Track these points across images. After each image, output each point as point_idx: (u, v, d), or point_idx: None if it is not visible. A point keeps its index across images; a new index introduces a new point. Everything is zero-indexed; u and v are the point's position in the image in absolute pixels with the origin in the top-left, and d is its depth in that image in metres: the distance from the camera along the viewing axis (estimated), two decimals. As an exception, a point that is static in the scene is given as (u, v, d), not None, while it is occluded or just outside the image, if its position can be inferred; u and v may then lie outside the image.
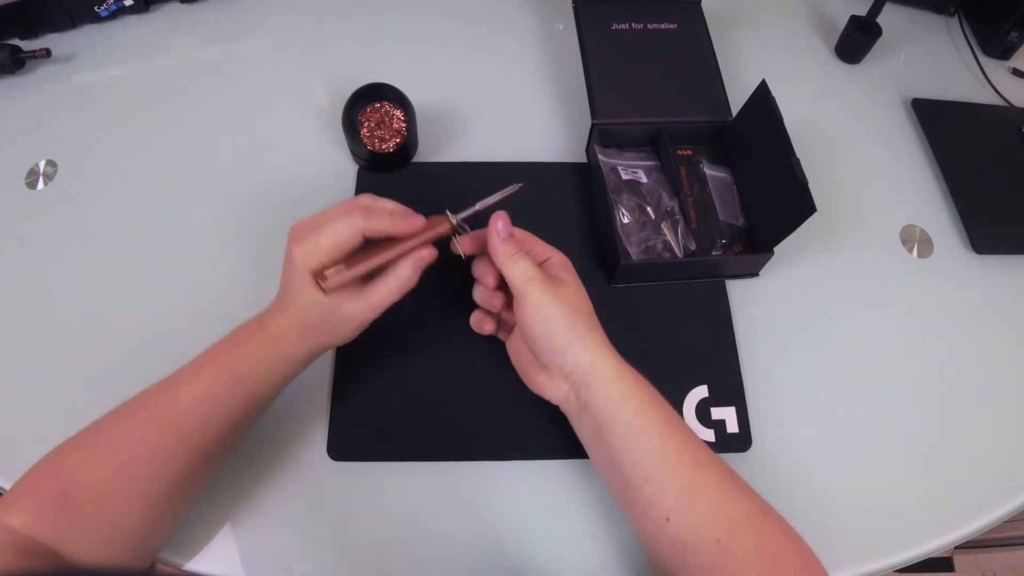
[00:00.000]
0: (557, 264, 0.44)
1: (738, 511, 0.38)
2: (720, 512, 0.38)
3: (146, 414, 0.40)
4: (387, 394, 0.49)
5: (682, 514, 0.38)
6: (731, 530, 0.37)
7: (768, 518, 0.38)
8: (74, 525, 0.37)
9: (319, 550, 0.45)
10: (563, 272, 0.44)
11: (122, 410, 0.40)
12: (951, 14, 0.74)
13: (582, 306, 0.42)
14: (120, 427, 0.40)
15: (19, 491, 0.38)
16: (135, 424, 0.40)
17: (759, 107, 0.52)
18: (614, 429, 0.40)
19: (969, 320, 0.56)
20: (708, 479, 0.39)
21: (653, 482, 0.39)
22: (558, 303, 0.41)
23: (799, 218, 0.47)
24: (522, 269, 0.41)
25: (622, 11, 0.61)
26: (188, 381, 0.41)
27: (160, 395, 0.41)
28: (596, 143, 0.57)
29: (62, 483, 0.38)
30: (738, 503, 0.38)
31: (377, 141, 0.56)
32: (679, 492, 0.38)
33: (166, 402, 0.40)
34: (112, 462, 0.39)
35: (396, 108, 0.57)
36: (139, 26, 0.66)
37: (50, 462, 0.39)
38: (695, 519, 0.38)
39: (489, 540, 0.46)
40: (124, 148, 0.59)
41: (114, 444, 0.39)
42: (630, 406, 0.40)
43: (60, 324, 0.51)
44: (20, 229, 0.55)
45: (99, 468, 0.38)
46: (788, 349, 0.53)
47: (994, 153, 0.64)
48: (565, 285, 0.42)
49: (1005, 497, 0.50)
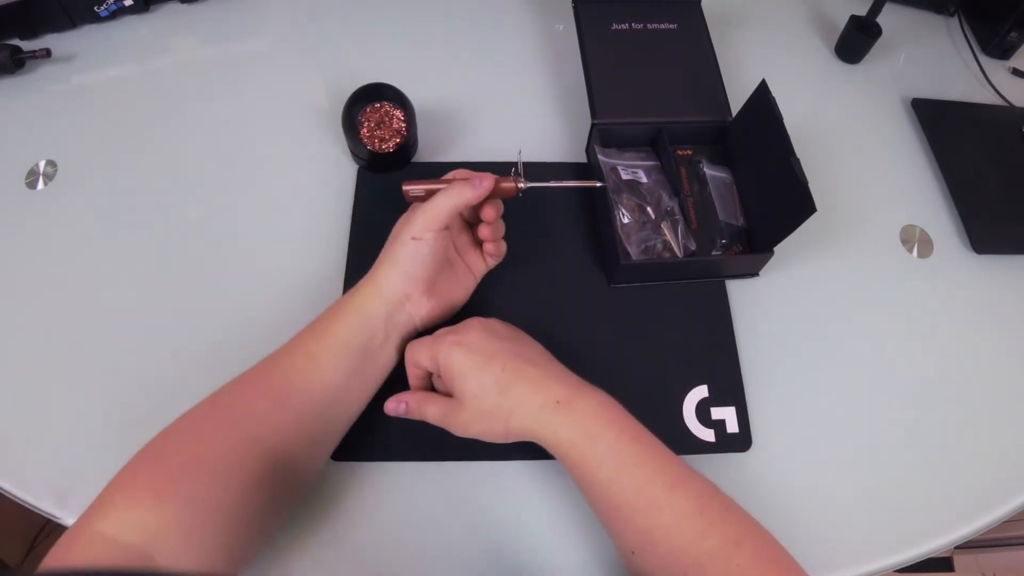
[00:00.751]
0: (447, 371, 0.42)
1: (705, 547, 0.37)
2: (684, 551, 0.37)
3: (247, 385, 0.40)
4: (387, 394, 0.49)
5: (645, 552, 0.38)
6: (698, 565, 0.36)
7: (742, 547, 0.37)
8: (180, 521, 0.35)
9: (319, 550, 0.45)
10: (456, 379, 0.41)
11: (219, 391, 0.41)
12: (951, 14, 0.74)
13: (486, 402, 0.41)
14: (219, 402, 0.40)
15: (114, 489, 0.36)
16: (237, 395, 0.40)
17: (759, 107, 0.52)
18: (570, 473, 0.41)
19: (969, 320, 0.56)
20: (666, 523, 0.37)
21: (611, 522, 0.40)
22: (473, 426, 0.41)
23: (799, 218, 0.47)
24: (433, 419, 0.43)
25: (622, 11, 0.61)
26: (292, 353, 0.42)
27: (261, 367, 0.41)
28: (596, 143, 0.57)
29: (162, 468, 0.37)
30: (706, 539, 0.37)
31: (377, 141, 0.56)
32: (637, 535, 0.38)
33: (267, 370, 0.41)
34: (215, 434, 0.38)
35: (396, 108, 0.57)
36: (139, 26, 0.66)
37: (146, 453, 0.38)
38: (658, 559, 0.37)
39: (489, 540, 0.46)
40: (124, 148, 0.59)
41: (215, 417, 0.39)
42: (570, 461, 0.40)
43: (60, 324, 0.51)
44: (20, 229, 0.55)
45: (200, 442, 0.38)
46: (788, 349, 0.53)
47: (994, 153, 0.64)
48: (462, 398, 0.41)
49: (1005, 497, 0.50)
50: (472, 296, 0.50)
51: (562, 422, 0.40)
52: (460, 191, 0.44)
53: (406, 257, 0.44)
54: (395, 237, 0.45)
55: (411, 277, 0.44)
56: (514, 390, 0.40)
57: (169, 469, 0.37)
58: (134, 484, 0.36)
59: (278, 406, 0.40)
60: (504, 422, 0.41)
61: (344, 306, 0.44)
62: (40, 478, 0.46)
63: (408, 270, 0.44)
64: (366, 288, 0.44)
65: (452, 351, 0.41)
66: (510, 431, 0.41)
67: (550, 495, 0.47)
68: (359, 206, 0.56)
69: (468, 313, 0.48)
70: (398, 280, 0.44)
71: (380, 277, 0.44)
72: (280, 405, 0.40)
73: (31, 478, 0.46)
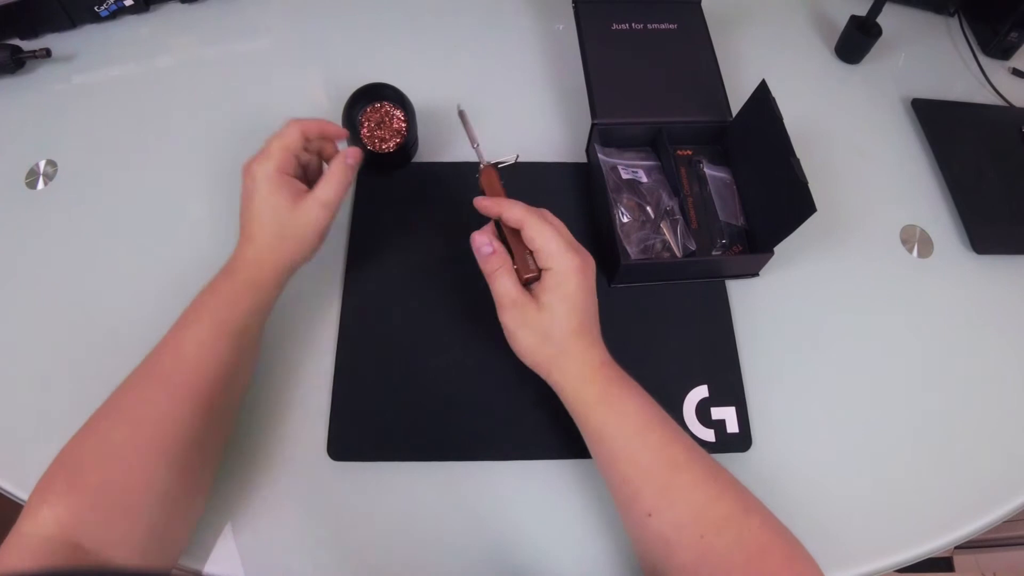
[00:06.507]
0: (551, 280, 0.42)
1: (719, 511, 0.38)
2: (701, 512, 0.38)
3: (149, 380, 0.41)
4: (387, 394, 0.49)
5: (663, 512, 0.39)
6: (714, 528, 0.37)
7: (751, 515, 0.39)
8: (95, 507, 0.37)
9: (319, 550, 0.45)
10: (551, 292, 0.42)
11: (123, 385, 0.41)
12: (951, 14, 0.74)
13: (554, 330, 0.42)
14: (124, 399, 0.40)
15: (33, 493, 0.37)
16: (140, 391, 0.41)
17: (759, 107, 0.52)
18: (587, 434, 0.42)
19: (969, 320, 0.56)
20: (685, 482, 0.39)
21: (630, 482, 0.40)
22: (524, 331, 0.42)
23: (799, 218, 0.47)
24: (497, 290, 0.43)
25: (622, 11, 0.61)
26: (180, 340, 0.42)
27: (150, 359, 0.42)
28: (596, 143, 0.57)
29: (69, 467, 0.38)
30: (719, 503, 0.39)
31: (377, 141, 0.56)
32: (656, 494, 0.39)
33: (165, 363, 0.41)
34: (123, 431, 0.39)
35: (396, 108, 0.57)
36: (139, 26, 0.66)
37: (62, 455, 0.39)
38: (676, 518, 0.38)
39: (489, 540, 0.46)
40: (124, 148, 0.59)
41: (123, 414, 0.40)
42: (597, 416, 0.41)
43: (60, 323, 0.51)
44: (20, 229, 0.55)
45: (111, 442, 0.39)
46: (788, 349, 0.53)
47: (994, 153, 0.64)
48: (540, 309, 0.42)
49: (1005, 497, 0.50)
50: (470, 291, 0.50)
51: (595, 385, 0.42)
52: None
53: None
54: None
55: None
56: (582, 343, 0.42)
57: (78, 465, 0.38)
58: (48, 486, 0.38)
59: (175, 399, 0.41)
60: (550, 359, 0.42)
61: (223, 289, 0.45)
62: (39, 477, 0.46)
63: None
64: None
65: (573, 271, 0.42)
66: (549, 367, 0.43)
67: (550, 495, 0.47)
68: (358, 205, 0.56)
69: (474, 307, 0.48)
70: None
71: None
72: (177, 397, 0.41)
73: (31, 478, 0.46)
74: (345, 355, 0.50)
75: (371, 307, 0.52)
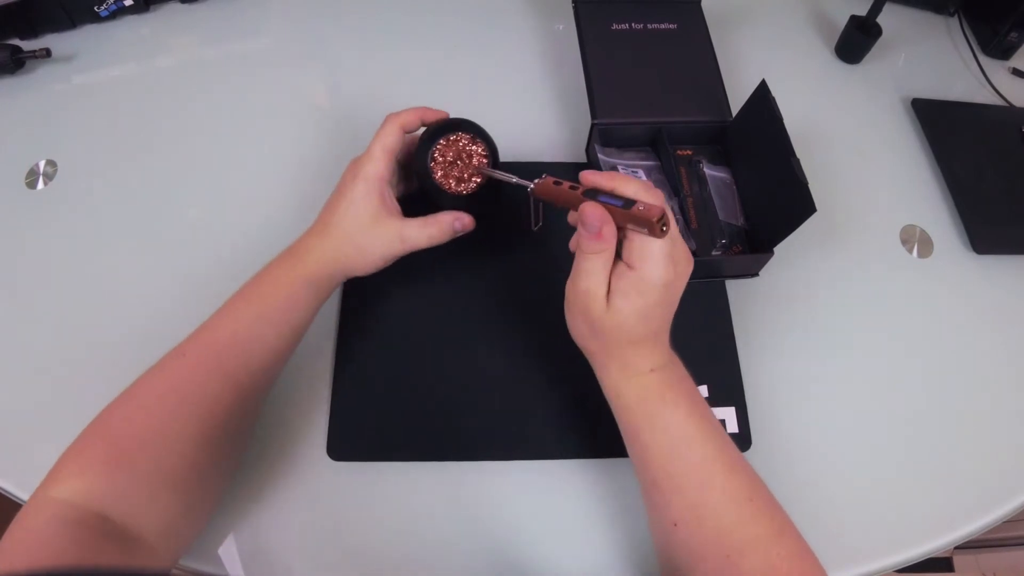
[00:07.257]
0: (632, 284, 0.37)
1: (748, 534, 0.37)
2: (729, 533, 0.37)
3: (189, 357, 0.41)
4: (387, 394, 0.49)
5: (690, 525, 0.38)
6: (739, 550, 0.37)
7: (783, 539, 0.38)
8: (126, 477, 0.36)
9: (319, 550, 0.45)
10: (627, 298, 0.37)
11: (163, 360, 0.41)
12: (951, 14, 0.74)
13: (611, 334, 0.38)
14: (163, 375, 0.40)
15: (66, 458, 0.37)
16: (179, 367, 0.40)
17: (759, 107, 0.52)
18: (621, 429, 0.41)
19: (969, 320, 0.56)
20: (717, 501, 0.38)
21: (660, 490, 0.39)
22: (580, 319, 0.40)
23: (799, 218, 0.47)
24: (584, 268, 0.38)
25: (622, 11, 0.61)
26: (226, 321, 0.42)
27: (200, 337, 0.42)
28: (596, 143, 0.57)
29: (110, 438, 0.38)
30: (750, 526, 0.37)
31: (453, 181, 0.48)
32: (685, 508, 0.38)
33: (207, 343, 0.41)
34: (160, 406, 0.39)
35: (475, 143, 0.49)
36: (139, 26, 0.66)
37: (96, 424, 0.38)
38: (703, 535, 0.38)
39: (489, 540, 0.46)
40: (124, 148, 0.59)
41: (160, 390, 0.40)
42: (633, 419, 0.40)
43: (60, 324, 0.51)
44: (20, 229, 0.55)
45: (147, 414, 0.39)
46: (788, 349, 0.53)
47: (994, 153, 0.64)
48: (608, 310, 0.38)
49: (1005, 497, 0.50)
50: (471, 291, 0.50)
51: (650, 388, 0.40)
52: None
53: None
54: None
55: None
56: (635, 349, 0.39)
57: (119, 441, 0.38)
58: (85, 453, 0.37)
59: (226, 383, 0.41)
60: (593, 354, 0.41)
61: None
62: (40, 478, 0.46)
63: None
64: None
65: (662, 285, 0.37)
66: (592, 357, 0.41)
67: (550, 495, 0.47)
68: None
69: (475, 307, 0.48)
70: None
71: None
72: (229, 385, 0.41)
73: (31, 478, 0.46)
74: (345, 355, 0.50)
75: (371, 307, 0.52)
